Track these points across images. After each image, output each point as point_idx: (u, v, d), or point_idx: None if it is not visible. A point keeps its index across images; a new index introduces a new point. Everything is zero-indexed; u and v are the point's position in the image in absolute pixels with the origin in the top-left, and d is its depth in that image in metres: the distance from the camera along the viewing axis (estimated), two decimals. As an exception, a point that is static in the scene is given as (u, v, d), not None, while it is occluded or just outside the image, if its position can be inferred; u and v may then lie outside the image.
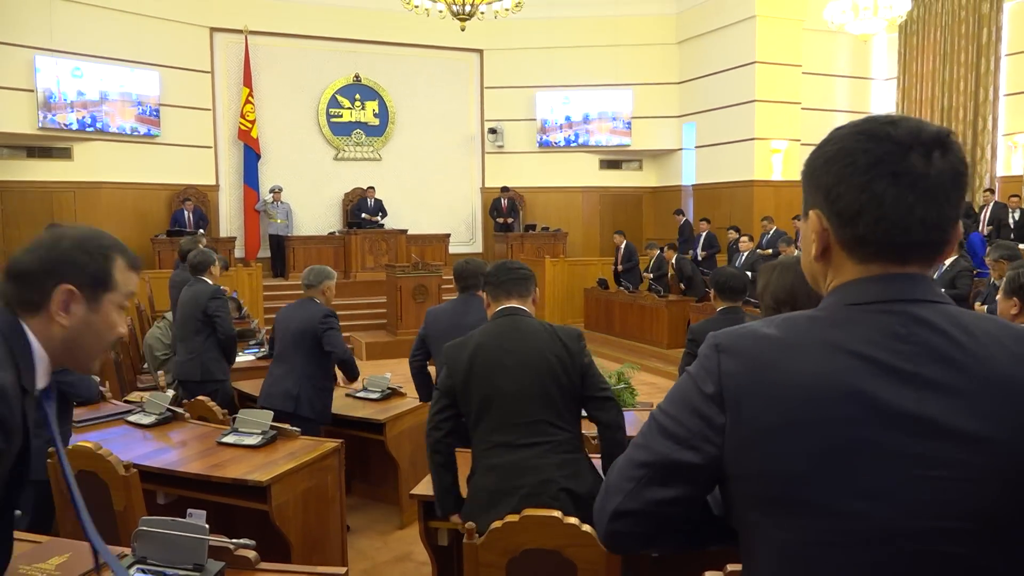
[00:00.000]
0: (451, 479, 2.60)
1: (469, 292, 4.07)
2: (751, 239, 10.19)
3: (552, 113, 14.11)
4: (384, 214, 12.89)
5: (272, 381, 4.35)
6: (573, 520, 2.22)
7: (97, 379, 3.91)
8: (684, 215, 12.95)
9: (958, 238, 0.99)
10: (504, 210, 13.49)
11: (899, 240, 0.94)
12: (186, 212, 11.77)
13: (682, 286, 10.64)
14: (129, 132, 11.59)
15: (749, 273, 9.21)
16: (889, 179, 0.92)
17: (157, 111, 11.81)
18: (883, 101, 13.14)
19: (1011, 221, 9.63)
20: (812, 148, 1.02)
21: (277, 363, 4.41)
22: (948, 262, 6.82)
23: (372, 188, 13.01)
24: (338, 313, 4.46)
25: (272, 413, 3.61)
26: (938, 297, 0.95)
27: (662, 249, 11.02)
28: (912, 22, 11.87)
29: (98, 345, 1.28)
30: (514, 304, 2.63)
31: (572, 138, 14.18)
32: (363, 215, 12.72)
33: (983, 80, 11.12)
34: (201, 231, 11.79)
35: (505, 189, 13.55)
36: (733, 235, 10.87)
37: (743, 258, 9.89)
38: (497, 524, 2.26)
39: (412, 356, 4.19)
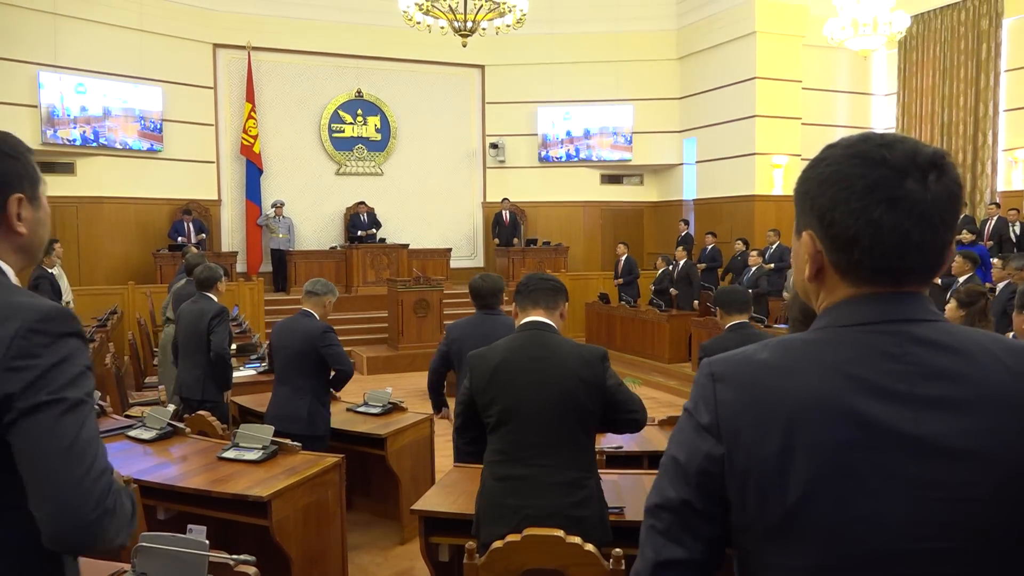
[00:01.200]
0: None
1: (491, 309, 4.02)
2: (760, 253, 10.15)
3: (553, 128, 14.16)
4: (378, 227, 12.90)
5: (278, 402, 4.23)
6: (576, 539, 2.20)
7: (97, 394, 3.90)
8: (688, 225, 12.92)
9: (952, 257, 0.99)
10: (506, 223, 13.50)
11: (895, 265, 0.93)
12: (186, 223, 11.78)
13: (672, 291, 10.56)
14: (132, 147, 11.64)
15: (750, 290, 9.33)
16: (886, 205, 0.91)
17: (160, 126, 11.85)
18: (883, 116, 13.18)
19: (1012, 235, 9.65)
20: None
21: (280, 383, 4.28)
22: (962, 279, 6.87)
23: (363, 203, 13.05)
24: (339, 328, 4.45)
25: (272, 428, 3.60)
26: (933, 315, 0.94)
27: (672, 263, 10.97)
28: (911, 38, 11.92)
29: (46, 235, 1.32)
30: (541, 316, 2.61)
31: (573, 153, 14.21)
32: (358, 231, 12.75)
33: (983, 95, 11.16)
34: (204, 235, 11.84)
35: (505, 200, 13.55)
36: (740, 247, 10.84)
37: (751, 272, 9.84)
38: (498, 544, 2.24)
39: (433, 369, 4.09)
